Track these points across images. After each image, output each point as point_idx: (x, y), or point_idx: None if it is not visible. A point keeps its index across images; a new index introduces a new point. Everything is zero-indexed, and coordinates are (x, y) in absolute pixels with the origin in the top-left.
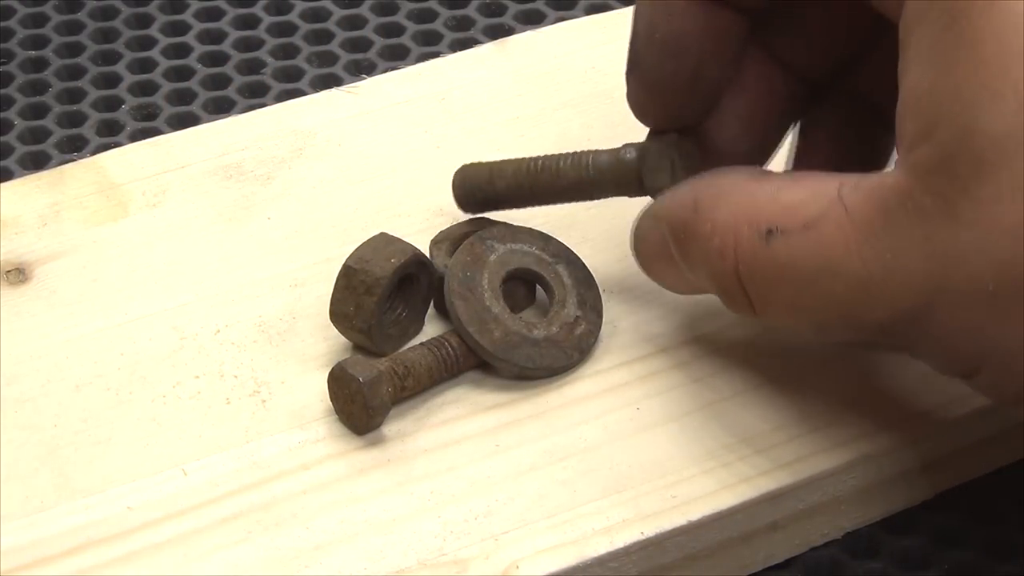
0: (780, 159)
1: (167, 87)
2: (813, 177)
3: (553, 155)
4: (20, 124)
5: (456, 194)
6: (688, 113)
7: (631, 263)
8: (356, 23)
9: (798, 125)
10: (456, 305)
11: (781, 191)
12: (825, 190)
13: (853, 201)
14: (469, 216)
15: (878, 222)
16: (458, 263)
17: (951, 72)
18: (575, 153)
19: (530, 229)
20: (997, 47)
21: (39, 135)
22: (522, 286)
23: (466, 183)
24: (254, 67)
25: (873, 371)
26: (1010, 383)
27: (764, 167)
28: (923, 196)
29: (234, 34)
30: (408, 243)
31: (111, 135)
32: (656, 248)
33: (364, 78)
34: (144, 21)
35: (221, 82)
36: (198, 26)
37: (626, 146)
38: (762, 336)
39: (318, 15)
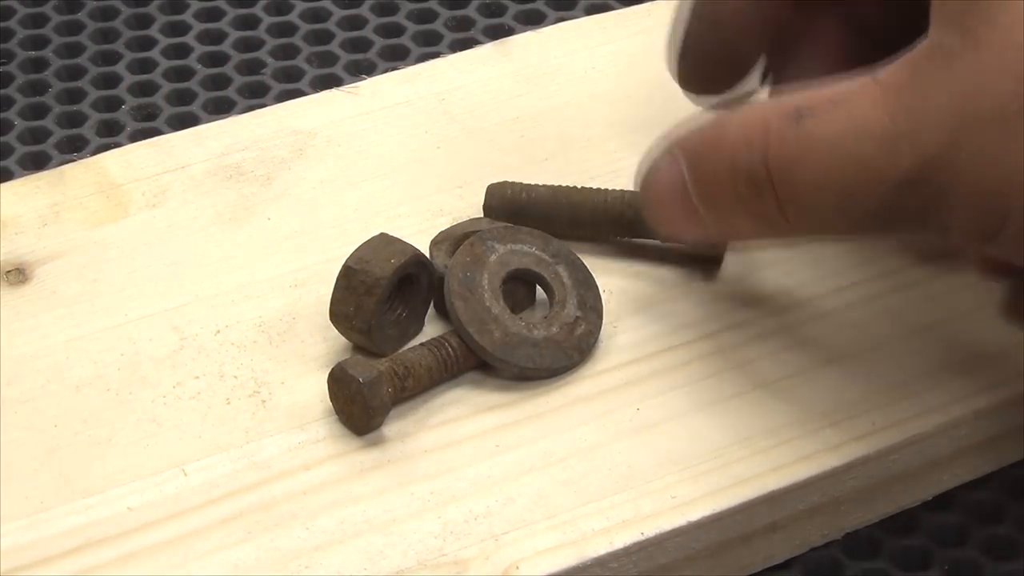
0: None
1: (167, 87)
2: (851, 75)
3: (599, 189)
4: (20, 124)
5: (489, 201)
6: (723, 91)
7: (631, 263)
8: (356, 23)
9: None
10: (456, 305)
11: (812, 85)
12: (858, 77)
13: (884, 72)
14: (469, 217)
15: (906, 78)
16: (458, 263)
17: None
18: (621, 190)
19: (530, 230)
20: None
21: (39, 135)
22: (522, 286)
23: (504, 189)
24: (254, 67)
25: (872, 371)
26: None
27: None
28: (949, 36)
29: (234, 34)
30: (408, 243)
31: (111, 135)
32: (668, 183)
33: (364, 78)
34: (144, 22)
35: (221, 82)
36: (198, 26)
37: None
38: (760, 339)
39: (318, 15)
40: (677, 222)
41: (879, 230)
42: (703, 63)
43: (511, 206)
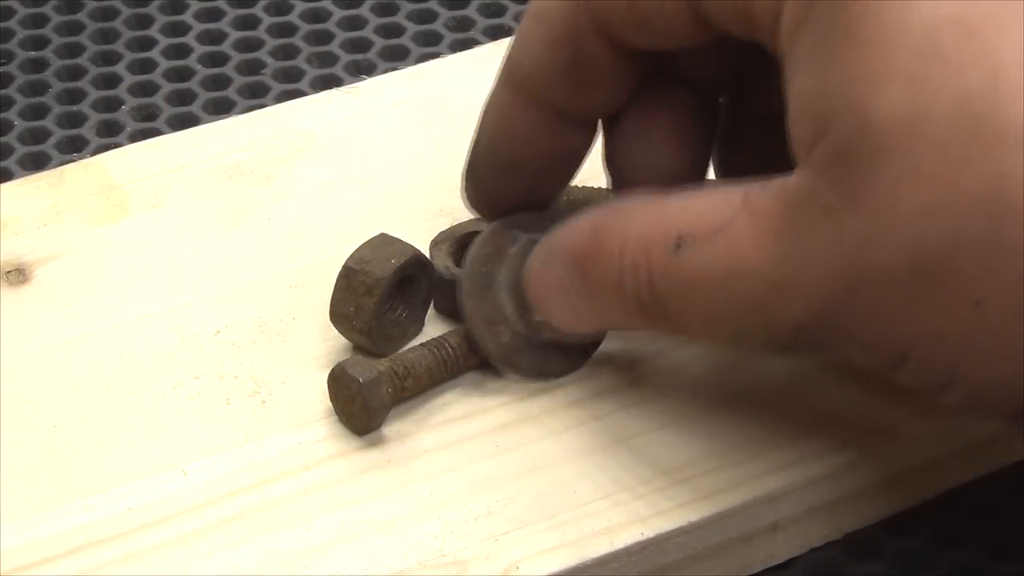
0: None
1: (167, 88)
2: (719, 185)
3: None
4: (20, 125)
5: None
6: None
7: None
8: (356, 24)
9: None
10: (466, 305)
11: (688, 201)
12: (732, 196)
13: (759, 203)
14: (469, 217)
15: (785, 222)
16: (477, 257)
17: (837, 66)
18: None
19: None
20: (880, 33)
21: (39, 136)
22: None
23: None
24: (254, 68)
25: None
26: (937, 370)
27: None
28: (825, 192)
29: (234, 35)
30: (408, 244)
31: (111, 136)
32: (553, 283)
33: (364, 79)
34: (144, 22)
35: (221, 83)
36: (198, 27)
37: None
38: None
39: (318, 16)
40: (568, 318)
41: (783, 355)
42: (488, 188)
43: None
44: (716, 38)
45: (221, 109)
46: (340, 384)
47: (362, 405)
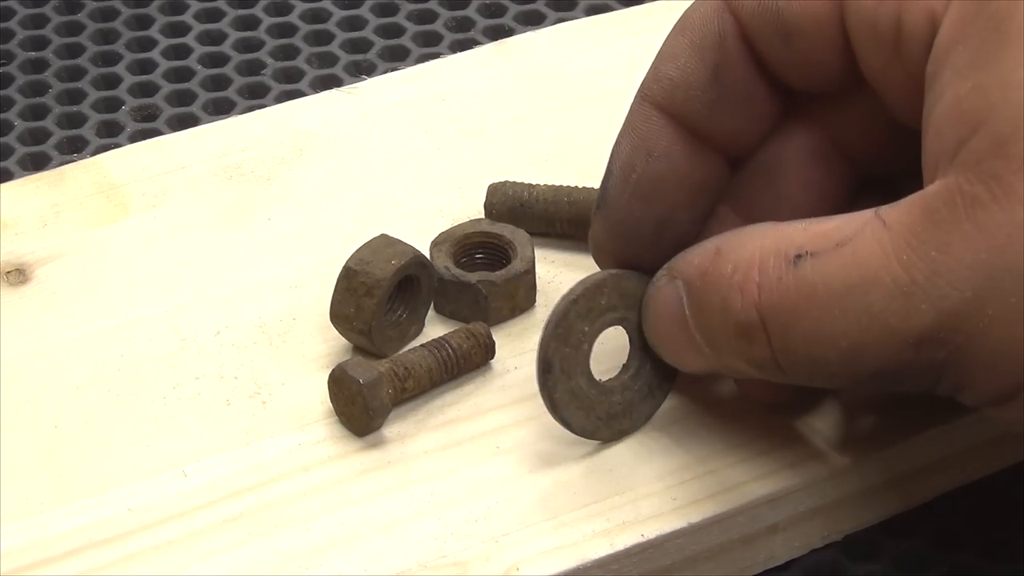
0: None
1: (167, 88)
2: (846, 213)
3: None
4: (20, 125)
5: (490, 199)
6: (646, 259)
7: None
8: (356, 24)
9: None
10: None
11: (813, 223)
12: (862, 215)
13: (891, 216)
14: (470, 217)
15: (921, 225)
16: (557, 355)
17: (995, 70)
18: None
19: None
20: None
21: (39, 136)
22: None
23: (505, 188)
24: (254, 68)
25: None
26: None
27: None
28: (974, 186)
29: (234, 35)
30: (409, 245)
31: (111, 136)
32: (668, 311)
33: (364, 79)
34: (144, 22)
35: (221, 83)
36: (198, 27)
37: None
38: None
39: (318, 16)
40: (679, 352)
41: (885, 387)
42: (620, 219)
43: (512, 205)
44: (854, 82)
45: (221, 109)
46: (340, 385)
47: (362, 406)
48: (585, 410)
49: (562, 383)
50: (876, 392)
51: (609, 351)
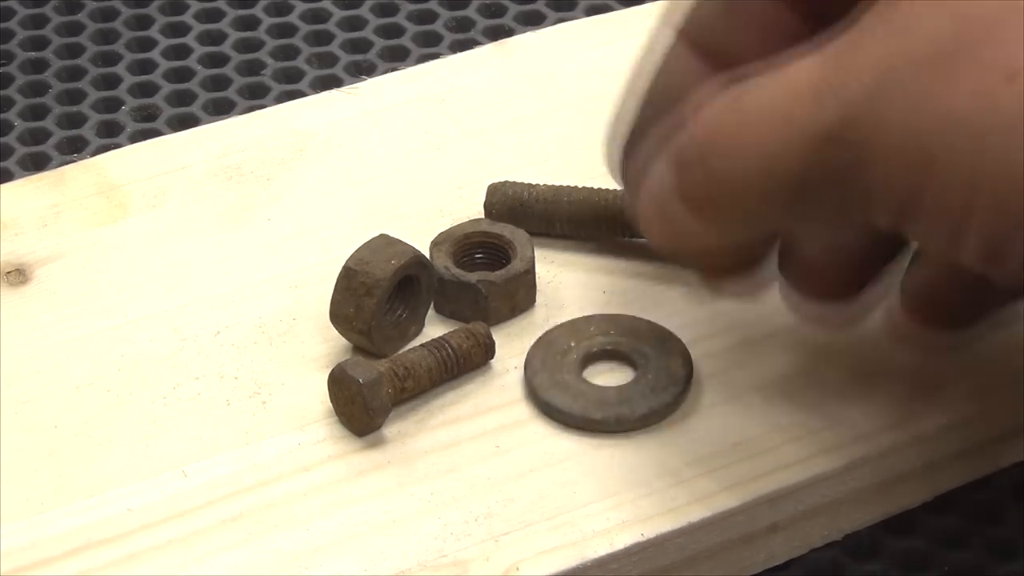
0: None
1: (167, 88)
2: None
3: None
4: (20, 125)
5: (490, 199)
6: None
7: (631, 263)
8: (356, 24)
9: None
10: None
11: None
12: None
13: (824, 38)
14: (469, 217)
15: (844, 36)
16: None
17: None
18: (621, 190)
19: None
20: None
21: (39, 136)
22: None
23: (505, 188)
24: (254, 68)
25: (871, 373)
26: (959, 182)
27: None
28: None
29: (234, 35)
30: (408, 244)
31: (111, 136)
32: (650, 188)
33: (364, 79)
34: (144, 23)
35: (221, 83)
36: (198, 27)
37: None
38: (760, 340)
39: (318, 16)
40: (655, 231)
41: (800, 213)
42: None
43: (512, 205)
44: None
45: (221, 110)
46: (340, 385)
47: (362, 406)
48: (572, 396)
49: (543, 375)
50: (804, 222)
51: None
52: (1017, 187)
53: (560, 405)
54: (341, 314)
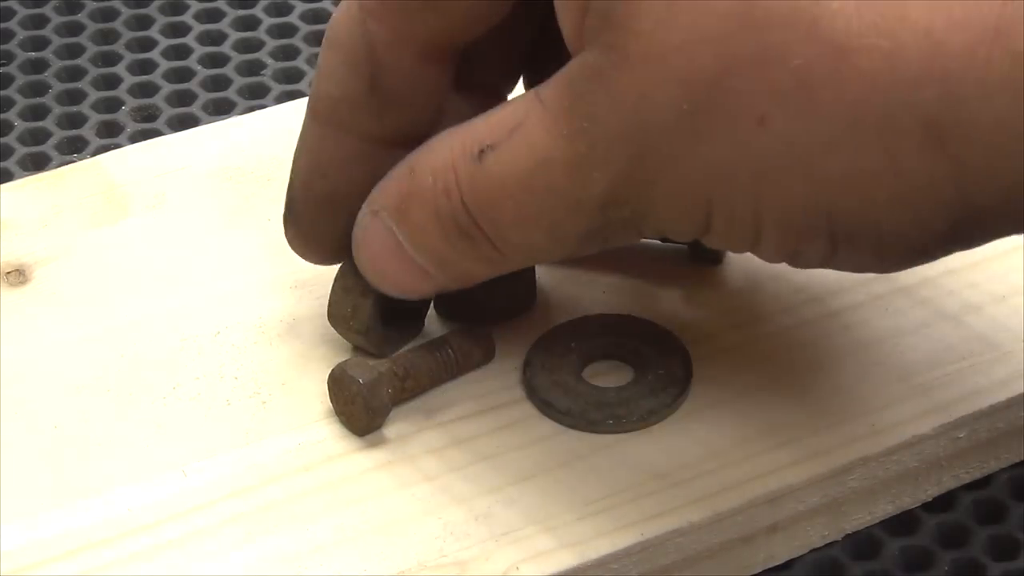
0: None
1: (167, 89)
2: (520, 95)
3: None
4: (20, 125)
5: None
6: (346, 255)
7: (631, 263)
8: None
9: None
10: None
11: (490, 116)
12: (526, 98)
13: (547, 95)
14: None
15: (569, 100)
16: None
17: None
18: None
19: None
20: None
21: (39, 136)
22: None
23: None
24: (254, 69)
25: (870, 372)
26: (743, 211)
27: None
28: (597, 58)
29: (234, 36)
30: None
31: (111, 136)
32: (380, 246)
33: None
34: (144, 23)
35: (221, 84)
36: (198, 28)
37: None
38: (760, 340)
39: (319, 16)
40: (404, 282)
41: (601, 246)
42: (309, 230)
43: None
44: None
45: (221, 110)
46: (340, 385)
47: (362, 406)
48: (572, 396)
49: (543, 375)
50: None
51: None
52: (796, 214)
53: (560, 405)
54: (339, 315)
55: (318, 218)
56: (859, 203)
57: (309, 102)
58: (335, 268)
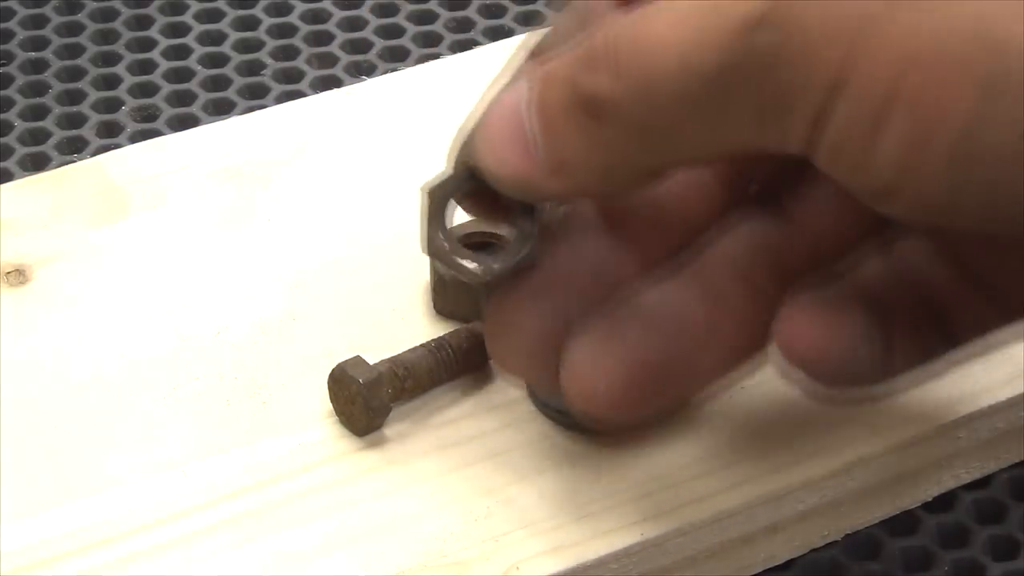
0: None
1: (167, 89)
2: None
3: None
4: (20, 126)
5: None
6: None
7: None
8: (356, 25)
9: None
10: None
11: None
12: None
13: None
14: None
15: None
16: None
17: None
18: None
19: None
20: None
21: (39, 137)
22: None
23: None
24: (254, 69)
25: None
26: (882, 78)
27: None
28: None
29: (234, 36)
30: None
31: (111, 137)
32: (504, 110)
33: (364, 80)
34: (144, 23)
35: (221, 84)
36: (198, 28)
37: None
38: None
39: (318, 17)
40: (504, 147)
41: (719, 123)
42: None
43: None
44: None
45: (221, 110)
46: (340, 385)
47: (362, 406)
48: None
49: None
50: (708, 155)
51: None
52: (952, 63)
53: (560, 405)
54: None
55: None
56: None
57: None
58: (335, 267)
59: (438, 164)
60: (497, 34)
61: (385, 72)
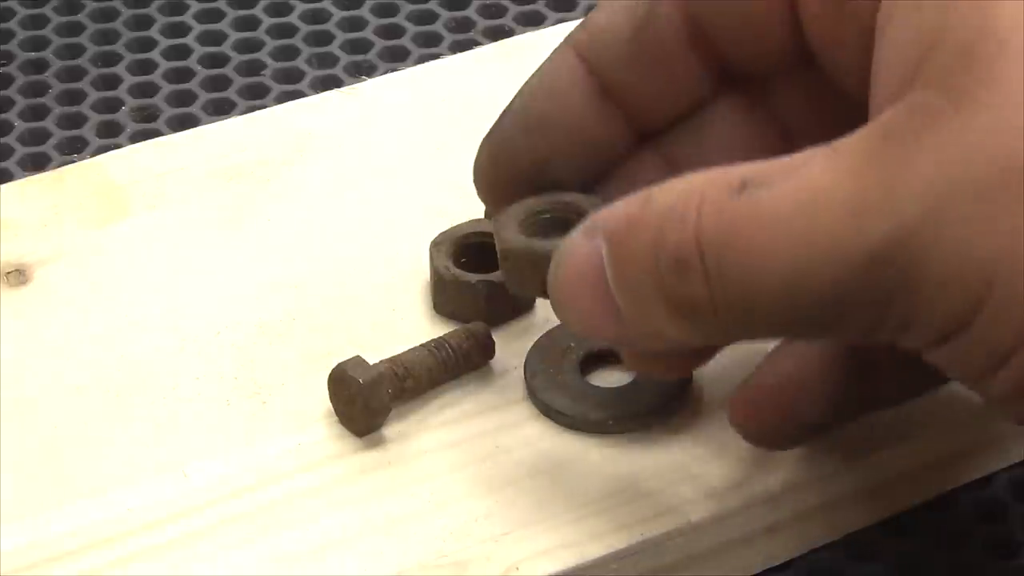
0: None
1: (167, 89)
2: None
3: None
4: (20, 126)
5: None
6: (517, 196)
7: None
8: (356, 25)
9: None
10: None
11: (756, 163)
12: (810, 150)
13: (843, 144)
14: (470, 217)
15: (878, 144)
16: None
17: None
18: None
19: None
20: None
21: (39, 137)
22: None
23: None
24: (254, 69)
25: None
26: (1014, 313)
27: None
28: (937, 99)
29: (234, 36)
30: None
31: (111, 137)
32: (581, 268)
33: (364, 80)
34: (144, 23)
35: (221, 84)
36: (198, 28)
37: None
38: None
39: (318, 17)
40: (588, 313)
41: (824, 330)
42: (504, 150)
43: None
44: (797, 59)
45: (221, 110)
46: (340, 385)
47: (362, 406)
48: (572, 396)
49: (543, 376)
50: (809, 339)
51: None
52: None
53: (560, 406)
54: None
55: (518, 136)
56: None
57: (573, 29)
58: (335, 268)
59: (438, 164)
60: (497, 34)
61: (385, 72)
